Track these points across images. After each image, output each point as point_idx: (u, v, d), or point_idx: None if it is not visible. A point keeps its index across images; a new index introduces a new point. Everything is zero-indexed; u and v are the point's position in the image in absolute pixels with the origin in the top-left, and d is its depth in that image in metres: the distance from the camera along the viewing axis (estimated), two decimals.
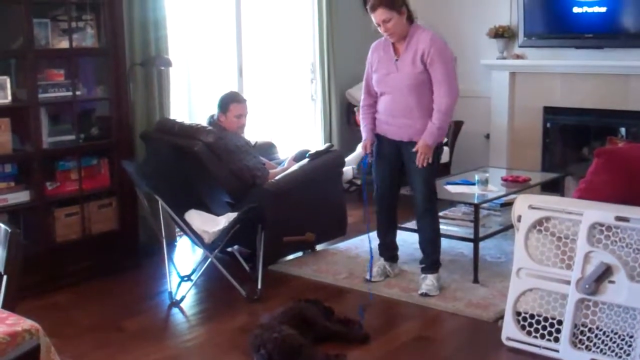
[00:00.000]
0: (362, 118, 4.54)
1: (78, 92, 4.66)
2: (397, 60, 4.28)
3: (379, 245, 4.71)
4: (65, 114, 4.72)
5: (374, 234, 4.76)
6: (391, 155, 4.45)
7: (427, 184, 4.35)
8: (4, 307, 2.06)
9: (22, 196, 4.42)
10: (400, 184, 4.59)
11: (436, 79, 4.21)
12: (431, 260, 4.45)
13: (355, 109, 6.58)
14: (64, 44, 4.56)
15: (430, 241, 4.45)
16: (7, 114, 4.32)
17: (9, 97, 4.32)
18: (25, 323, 1.84)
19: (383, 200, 4.60)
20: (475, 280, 4.52)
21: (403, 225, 4.94)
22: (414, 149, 4.25)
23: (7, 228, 2.13)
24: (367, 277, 4.61)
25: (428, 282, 4.39)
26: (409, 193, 4.49)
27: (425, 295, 4.32)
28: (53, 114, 4.66)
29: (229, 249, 4.94)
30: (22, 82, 4.40)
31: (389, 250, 4.71)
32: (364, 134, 4.51)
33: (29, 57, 4.36)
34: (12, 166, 4.44)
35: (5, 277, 2.12)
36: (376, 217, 4.66)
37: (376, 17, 4.23)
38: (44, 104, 4.48)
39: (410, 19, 4.28)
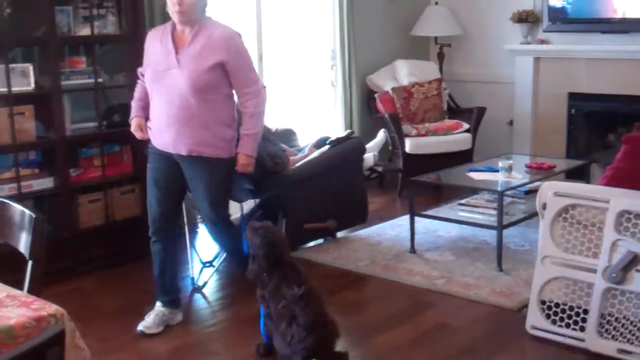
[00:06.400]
0: (135, 92, 3.86)
1: (100, 79, 4.66)
2: (178, 53, 3.53)
3: (155, 285, 3.86)
4: (87, 101, 4.73)
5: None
6: (167, 173, 3.71)
7: (215, 206, 3.73)
8: (30, 291, 2.07)
9: (46, 183, 4.45)
10: (180, 210, 4.00)
11: (240, 80, 3.58)
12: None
13: (376, 95, 6.55)
14: (86, 31, 4.57)
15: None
16: (30, 101, 4.34)
17: (32, 85, 4.34)
18: (50, 308, 1.84)
19: (160, 233, 3.77)
20: (499, 269, 4.48)
21: (424, 213, 4.91)
22: (236, 169, 3.69)
23: (32, 213, 2.13)
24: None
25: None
26: (428, 180, 4.45)
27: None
28: (75, 101, 4.67)
29: None
30: (45, 70, 4.41)
31: (168, 293, 3.85)
32: (132, 112, 3.81)
33: (52, 45, 4.36)
34: (36, 153, 4.47)
35: (30, 262, 2.13)
36: (152, 249, 3.81)
37: None
38: (66, 91, 4.49)
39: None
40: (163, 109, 3.59)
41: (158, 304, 3.80)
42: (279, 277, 3.22)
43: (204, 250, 4.91)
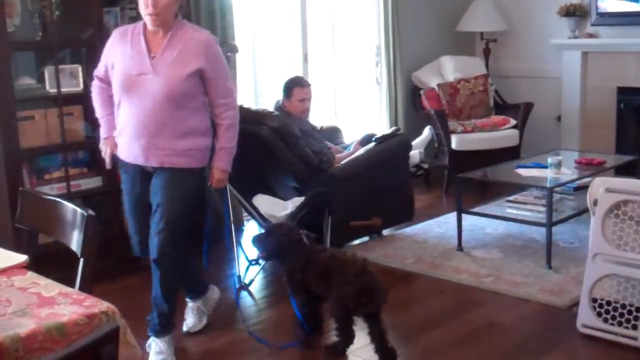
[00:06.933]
0: (98, 105, 3.50)
1: None
2: (153, 57, 3.25)
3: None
4: None
5: None
6: (138, 186, 3.42)
7: (179, 223, 3.30)
8: (81, 289, 2.09)
9: (94, 182, 4.51)
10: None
11: (217, 88, 3.34)
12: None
13: (421, 91, 6.51)
14: None
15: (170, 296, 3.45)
16: (79, 102, 4.40)
17: (81, 86, 4.40)
18: (102, 305, 1.86)
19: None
20: (549, 266, 4.41)
21: (471, 210, 4.86)
22: (210, 183, 3.45)
23: (84, 212, 2.16)
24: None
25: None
26: (475, 176, 4.39)
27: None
28: None
29: None
30: (93, 71, 4.46)
31: (191, 290, 3.75)
32: (102, 132, 3.47)
33: (99, 46, 4.40)
34: (84, 153, 4.53)
35: (81, 260, 2.15)
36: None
37: None
38: None
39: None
40: (133, 117, 3.28)
41: (188, 301, 3.77)
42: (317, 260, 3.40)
43: (250, 248, 4.92)
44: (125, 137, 3.33)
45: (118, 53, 3.31)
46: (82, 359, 1.29)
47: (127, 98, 3.27)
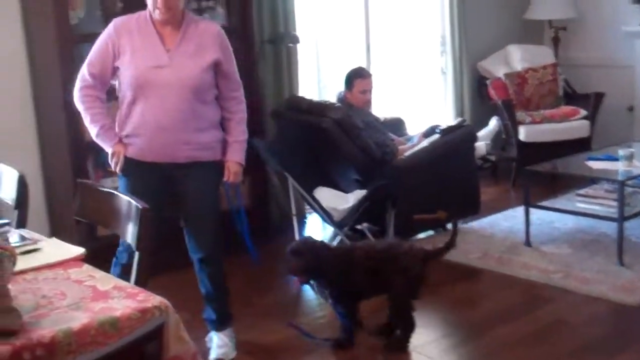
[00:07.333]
0: (95, 113, 3.16)
1: None
2: (168, 50, 3.11)
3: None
4: None
5: None
6: (157, 187, 3.19)
7: (218, 216, 3.32)
8: (136, 283, 2.07)
9: None
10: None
11: (230, 81, 3.25)
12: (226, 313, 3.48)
13: (487, 81, 6.35)
14: None
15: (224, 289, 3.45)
16: None
17: None
18: (155, 299, 1.84)
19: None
20: (620, 263, 4.23)
21: (540, 204, 4.72)
22: (226, 178, 3.28)
23: (138, 204, 2.14)
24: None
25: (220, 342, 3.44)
26: (543, 170, 4.24)
27: None
28: None
29: (358, 227, 4.87)
30: None
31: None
32: (109, 138, 3.18)
33: None
34: None
35: (137, 254, 2.14)
36: None
37: None
38: None
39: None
40: (155, 113, 3.11)
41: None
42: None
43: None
44: (143, 136, 3.14)
45: (126, 45, 3.09)
46: (126, 356, 1.26)
47: (145, 94, 3.09)
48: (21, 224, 2.61)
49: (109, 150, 3.17)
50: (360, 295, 3.46)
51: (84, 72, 3.14)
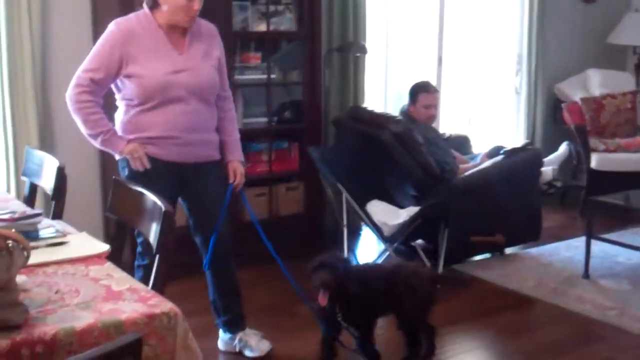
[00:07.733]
0: (99, 119, 3.03)
1: (273, 76, 4.70)
2: (181, 53, 3.07)
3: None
4: (259, 96, 4.77)
5: None
6: (172, 188, 3.12)
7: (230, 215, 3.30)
8: (153, 287, 2.04)
9: None
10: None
11: (224, 80, 3.26)
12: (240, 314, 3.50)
13: (562, 104, 6.14)
14: (262, 27, 4.61)
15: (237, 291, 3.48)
16: None
17: None
18: (165, 306, 1.80)
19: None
20: None
21: (603, 236, 4.51)
22: (232, 180, 3.28)
23: (162, 206, 2.11)
24: None
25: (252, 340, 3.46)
26: (611, 201, 4.03)
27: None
28: (248, 96, 4.73)
29: (412, 243, 4.77)
30: None
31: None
32: (118, 141, 3.07)
33: (227, 40, 4.42)
34: None
35: (157, 257, 2.11)
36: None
37: None
38: (240, 86, 4.55)
39: None
40: (179, 117, 3.06)
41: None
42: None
43: (364, 253, 4.83)
44: (174, 138, 3.08)
45: (136, 54, 2.99)
46: None
47: (167, 99, 3.02)
48: (57, 215, 2.62)
49: (119, 152, 3.07)
50: (375, 315, 3.35)
51: (84, 77, 2.99)
